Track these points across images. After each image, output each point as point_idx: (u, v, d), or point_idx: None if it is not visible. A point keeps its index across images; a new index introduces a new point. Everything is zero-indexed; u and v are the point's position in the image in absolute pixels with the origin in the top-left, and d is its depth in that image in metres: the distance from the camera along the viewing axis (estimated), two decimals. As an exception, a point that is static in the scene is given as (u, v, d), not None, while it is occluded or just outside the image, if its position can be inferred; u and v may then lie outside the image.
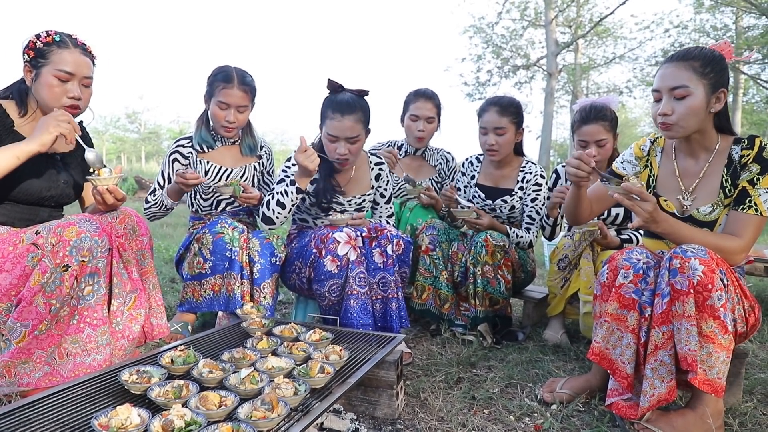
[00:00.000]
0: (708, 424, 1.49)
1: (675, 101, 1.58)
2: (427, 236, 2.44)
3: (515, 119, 2.48)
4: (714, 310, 1.42)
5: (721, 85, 1.58)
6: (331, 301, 2.05)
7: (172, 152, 2.35)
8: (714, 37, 16.05)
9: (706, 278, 1.41)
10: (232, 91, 2.25)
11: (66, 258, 1.50)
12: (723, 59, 1.60)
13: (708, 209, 1.64)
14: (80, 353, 1.57)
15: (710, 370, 1.44)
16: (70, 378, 1.53)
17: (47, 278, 1.49)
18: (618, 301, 1.57)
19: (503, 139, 2.48)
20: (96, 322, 1.59)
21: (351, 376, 1.42)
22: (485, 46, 20.09)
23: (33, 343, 1.52)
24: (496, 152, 2.50)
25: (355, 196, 2.35)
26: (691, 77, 1.56)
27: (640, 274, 1.56)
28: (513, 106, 2.49)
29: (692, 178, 1.69)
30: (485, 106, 2.53)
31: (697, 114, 1.57)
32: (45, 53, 1.72)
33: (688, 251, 1.45)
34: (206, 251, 2.11)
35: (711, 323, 1.42)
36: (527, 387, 1.89)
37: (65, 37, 1.75)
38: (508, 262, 2.39)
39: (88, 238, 1.55)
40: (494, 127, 2.47)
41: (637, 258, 1.59)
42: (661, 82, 1.61)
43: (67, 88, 1.74)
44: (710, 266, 1.41)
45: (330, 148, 2.18)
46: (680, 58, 1.60)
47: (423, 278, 2.43)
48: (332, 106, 2.14)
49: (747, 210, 1.56)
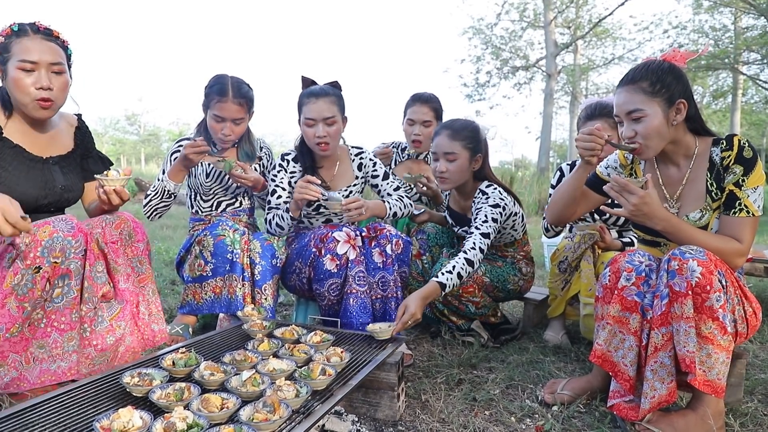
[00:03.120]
0: (709, 425, 1.50)
1: (634, 123, 1.59)
2: (418, 240, 2.44)
3: (470, 144, 2.23)
4: (713, 311, 1.42)
5: (677, 96, 1.57)
6: (330, 301, 2.06)
7: (174, 151, 2.36)
8: (713, 37, 16.06)
9: (704, 279, 1.41)
10: (226, 105, 2.22)
11: (37, 259, 1.46)
12: (674, 68, 1.59)
13: (697, 215, 1.63)
14: (46, 359, 1.51)
15: (710, 371, 1.45)
16: (36, 384, 1.49)
17: (18, 280, 1.45)
18: (620, 303, 1.57)
19: (454, 166, 2.22)
20: (63, 326, 1.53)
21: (352, 378, 1.42)
22: (484, 48, 20.11)
23: (6, 345, 1.48)
24: (446, 179, 2.25)
25: (341, 190, 2.37)
26: (643, 99, 1.56)
27: (642, 277, 1.56)
28: (467, 130, 2.24)
29: (676, 186, 1.68)
30: (438, 131, 2.29)
31: (659, 132, 1.57)
32: (8, 46, 1.62)
33: (687, 253, 1.45)
34: (207, 253, 2.11)
35: (710, 324, 1.43)
36: (528, 388, 1.89)
37: (24, 26, 1.64)
38: (469, 288, 2.28)
39: (60, 238, 1.50)
40: (444, 152, 2.22)
41: (640, 260, 1.60)
42: (617, 108, 1.63)
43: (34, 79, 1.63)
44: (708, 268, 1.42)
45: (309, 133, 2.21)
46: (629, 81, 1.60)
47: (416, 282, 2.42)
48: (306, 94, 2.24)
49: (739, 213, 1.54)
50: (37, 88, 1.63)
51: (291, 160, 2.34)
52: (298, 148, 2.35)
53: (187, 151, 2.12)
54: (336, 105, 2.21)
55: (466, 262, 1.98)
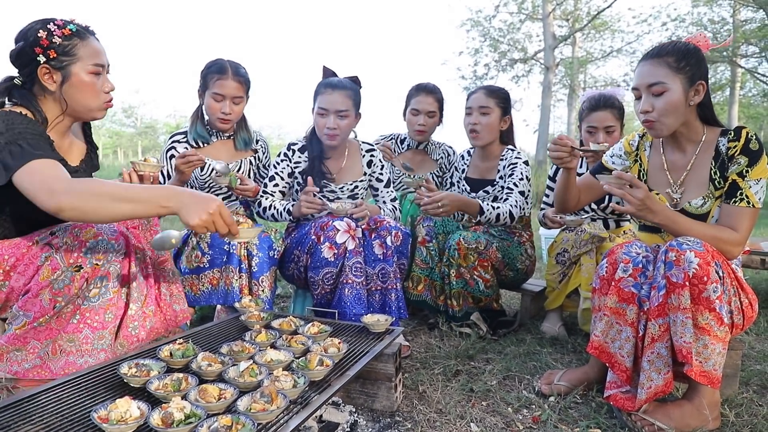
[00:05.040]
0: (704, 415, 1.51)
1: (654, 98, 1.60)
2: (424, 227, 2.44)
3: (502, 104, 2.48)
4: (710, 302, 1.42)
5: (698, 78, 1.59)
6: (324, 290, 2.06)
7: (169, 148, 2.35)
8: (712, 30, 16.03)
9: (702, 270, 1.41)
10: (226, 82, 2.24)
11: (80, 259, 1.47)
12: (699, 51, 1.60)
13: (699, 202, 1.64)
14: (74, 353, 1.53)
15: (706, 361, 1.46)
16: (58, 375, 1.50)
17: (57, 276, 1.47)
18: (617, 294, 1.59)
19: (486, 120, 2.46)
20: (96, 324, 1.55)
21: (350, 369, 1.42)
22: (483, 40, 20.03)
23: (30, 333, 1.50)
24: (478, 133, 2.48)
25: (346, 183, 2.37)
26: (667, 73, 1.57)
27: (639, 268, 1.57)
28: (501, 92, 2.50)
29: (680, 171, 1.70)
30: (474, 90, 2.56)
31: (676, 109, 1.58)
32: (68, 49, 1.52)
33: (684, 244, 1.46)
34: (204, 245, 2.11)
35: (707, 315, 1.43)
36: (525, 379, 1.90)
37: (79, 27, 1.56)
38: (484, 262, 2.33)
39: (105, 241, 1.52)
40: (479, 106, 2.46)
41: (637, 252, 1.61)
42: (639, 80, 1.62)
43: (102, 82, 1.60)
44: (706, 259, 1.42)
45: (320, 123, 2.23)
46: (655, 55, 1.60)
47: (419, 269, 2.43)
48: (324, 84, 2.27)
49: (739, 203, 1.56)
50: (105, 92, 1.62)
51: (297, 150, 2.35)
52: (309, 137, 2.36)
53: (178, 163, 2.08)
54: (351, 99, 2.23)
55: (509, 212, 2.28)
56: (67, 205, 1.33)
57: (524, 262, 2.50)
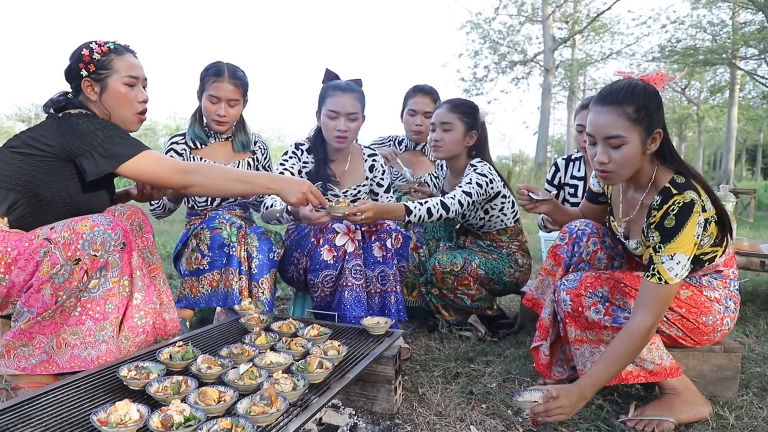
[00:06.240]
0: (689, 399, 1.57)
1: (611, 149, 1.50)
2: (415, 233, 2.44)
3: (466, 119, 2.31)
4: (598, 324, 1.59)
5: (656, 126, 1.49)
6: (323, 293, 2.05)
7: (167, 150, 2.35)
8: (711, 32, 16.06)
9: (575, 304, 1.61)
10: (222, 85, 2.25)
11: (78, 251, 1.49)
12: (657, 95, 1.50)
13: (634, 245, 1.66)
14: (78, 345, 1.55)
15: (644, 363, 1.53)
16: (65, 368, 1.53)
17: (57, 270, 1.48)
18: (553, 258, 1.86)
19: (449, 136, 2.30)
20: (98, 315, 1.58)
21: (349, 372, 1.42)
22: (482, 42, 20.09)
23: (35, 327, 1.52)
24: (439, 148, 2.33)
25: (350, 188, 2.37)
26: (625, 125, 1.46)
27: (573, 238, 1.80)
28: (465, 106, 2.33)
29: (631, 209, 1.67)
30: (439, 104, 2.40)
31: (633, 160, 1.50)
32: (105, 63, 1.70)
33: (562, 284, 1.67)
34: (204, 247, 2.11)
35: (606, 333, 1.58)
36: (525, 381, 1.90)
37: (117, 45, 1.75)
38: (464, 281, 2.30)
39: (101, 232, 1.53)
40: (441, 122, 2.31)
41: (576, 225, 1.83)
42: (595, 129, 1.51)
43: (136, 93, 1.75)
44: (577, 292, 1.61)
45: (330, 126, 2.21)
46: (613, 102, 1.48)
47: (413, 276, 2.42)
48: (332, 87, 2.24)
49: (650, 278, 1.46)
50: (139, 102, 1.76)
51: (305, 151, 2.34)
52: (312, 139, 2.34)
53: None
54: (359, 102, 2.24)
55: (441, 204, 2.08)
56: (198, 181, 1.67)
57: (513, 274, 2.40)
